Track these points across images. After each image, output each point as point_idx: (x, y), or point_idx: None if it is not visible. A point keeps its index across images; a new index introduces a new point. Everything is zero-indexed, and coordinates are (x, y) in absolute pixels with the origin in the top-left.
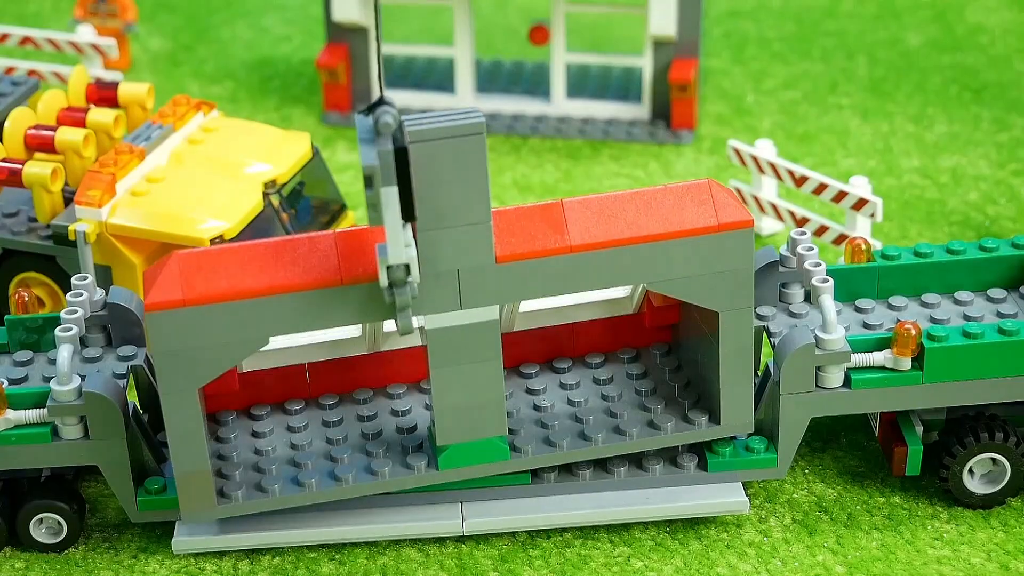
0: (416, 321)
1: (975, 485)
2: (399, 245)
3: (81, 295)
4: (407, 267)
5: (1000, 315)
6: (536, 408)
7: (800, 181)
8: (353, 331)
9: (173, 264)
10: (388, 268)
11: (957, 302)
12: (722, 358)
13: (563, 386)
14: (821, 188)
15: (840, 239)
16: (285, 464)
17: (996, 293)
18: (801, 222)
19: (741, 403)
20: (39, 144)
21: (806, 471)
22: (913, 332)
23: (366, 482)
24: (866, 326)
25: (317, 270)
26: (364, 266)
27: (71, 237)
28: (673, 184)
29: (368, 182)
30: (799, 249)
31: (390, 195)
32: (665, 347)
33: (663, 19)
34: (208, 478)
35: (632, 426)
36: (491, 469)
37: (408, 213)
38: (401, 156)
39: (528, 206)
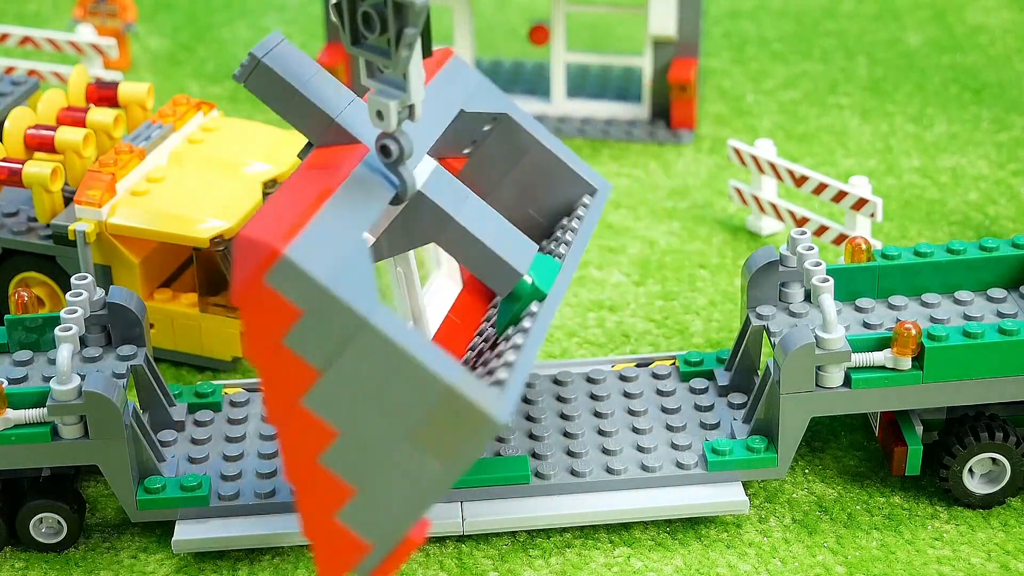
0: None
1: (975, 485)
2: (420, 83)
3: (81, 295)
4: (411, 108)
5: (1000, 315)
6: None
7: (800, 181)
8: None
9: (241, 243)
10: (403, 109)
11: (957, 302)
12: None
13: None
14: (821, 188)
15: (840, 239)
16: None
17: (996, 293)
18: (801, 222)
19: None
20: (39, 144)
21: (806, 471)
22: (913, 332)
23: None
24: (866, 326)
25: (344, 163)
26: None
27: (71, 237)
28: None
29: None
30: (799, 249)
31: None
32: None
33: (663, 19)
34: None
35: None
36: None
37: (427, 51)
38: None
39: None
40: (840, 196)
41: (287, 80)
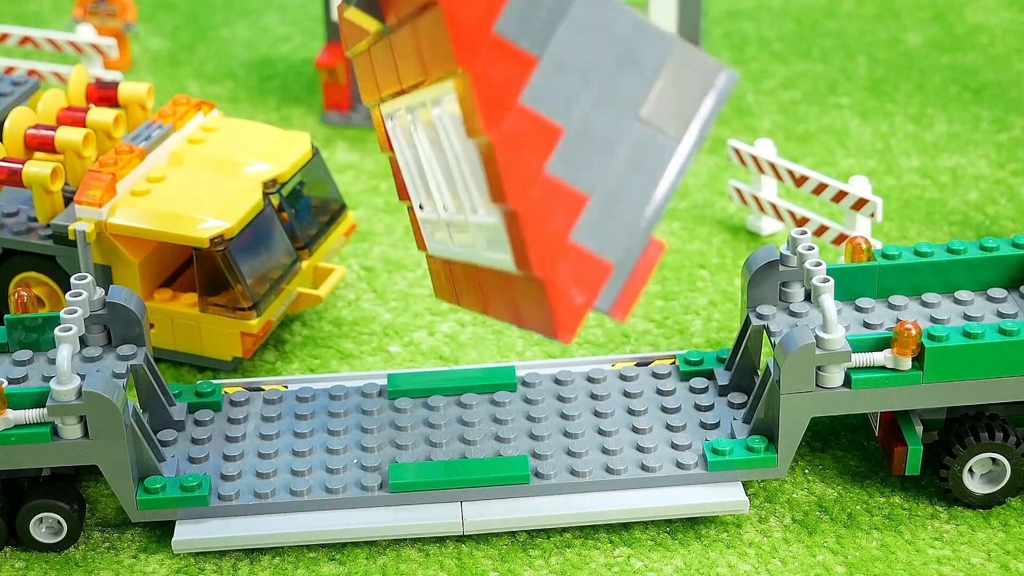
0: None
1: (975, 485)
2: None
3: (81, 295)
4: None
5: (1000, 315)
6: None
7: (800, 181)
8: None
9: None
10: None
11: (957, 302)
12: None
13: None
14: (821, 188)
15: (840, 239)
16: None
17: (996, 293)
18: (801, 222)
19: None
20: (39, 144)
21: (806, 471)
22: (913, 332)
23: None
24: (866, 325)
25: None
26: None
27: (71, 237)
28: None
29: None
30: (799, 248)
31: None
32: None
33: (663, 19)
34: None
35: None
36: None
37: None
38: None
39: None
40: (840, 196)
41: None
